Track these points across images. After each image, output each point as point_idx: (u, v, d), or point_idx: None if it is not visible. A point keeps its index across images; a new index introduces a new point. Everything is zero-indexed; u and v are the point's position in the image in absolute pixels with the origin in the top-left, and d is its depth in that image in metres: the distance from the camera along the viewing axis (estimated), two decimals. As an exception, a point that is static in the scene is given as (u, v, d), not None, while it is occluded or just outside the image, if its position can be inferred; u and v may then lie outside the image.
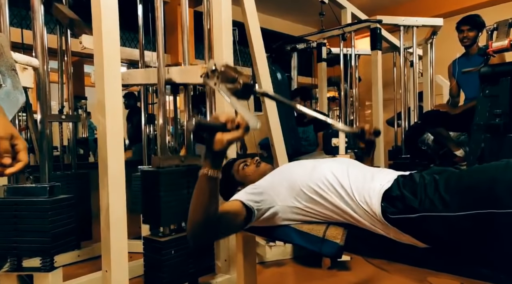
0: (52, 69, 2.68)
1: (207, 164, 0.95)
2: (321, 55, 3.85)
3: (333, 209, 1.06)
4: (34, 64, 1.33)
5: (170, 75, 1.62)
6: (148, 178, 1.62)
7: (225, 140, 0.90)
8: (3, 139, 0.77)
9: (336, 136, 2.08)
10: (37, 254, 1.44)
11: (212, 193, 0.96)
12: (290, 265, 2.34)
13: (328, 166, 1.12)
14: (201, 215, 0.97)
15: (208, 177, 0.95)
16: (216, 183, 0.96)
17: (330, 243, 1.04)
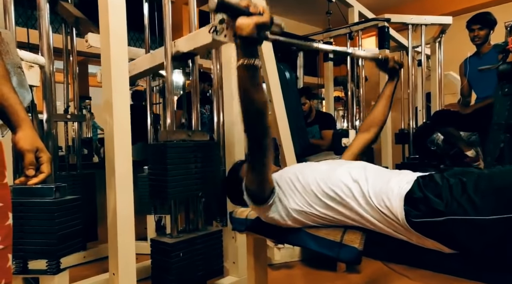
0: (57, 69, 2.66)
1: (239, 54, 0.89)
2: (328, 54, 3.80)
3: (350, 216, 1.02)
4: (41, 62, 1.30)
5: (177, 47, 1.56)
6: (155, 152, 1.58)
7: (252, 23, 0.84)
8: (29, 152, 0.82)
9: (346, 136, 2.04)
10: (43, 256, 1.41)
11: (255, 81, 0.91)
12: (298, 267, 2.30)
13: (344, 171, 1.08)
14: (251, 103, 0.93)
15: (245, 66, 0.89)
16: (256, 71, 0.91)
17: (348, 248, 1.00)
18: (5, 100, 0.82)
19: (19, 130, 0.84)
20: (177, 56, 1.57)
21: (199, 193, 1.67)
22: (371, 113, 1.41)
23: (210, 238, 1.72)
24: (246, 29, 0.86)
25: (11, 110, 0.83)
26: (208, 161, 1.67)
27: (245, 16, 0.85)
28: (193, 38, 1.47)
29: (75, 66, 2.60)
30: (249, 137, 1.01)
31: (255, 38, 0.88)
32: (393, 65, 1.34)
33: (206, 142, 1.70)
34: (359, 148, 1.38)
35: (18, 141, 0.83)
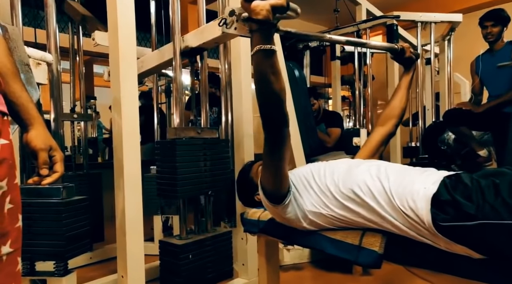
0: (63, 70, 2.63)
1: (256, 39, 0.86)
2: (335, 53, 3.76)
3: (370, 218, 0.97)
4: (48, 59, 1.27)
5: (186, 42, 1.53)
6: (164, 149, 1.55)
7: (267, 5, 0.81)
8: (43, 151, 0.80)
9: (357, 135, 2.00)
10: (51, 258, 1.39)
11: (273, 67, 0.88)
12: (308, 269, 2.26)
13: (363, 170, 1.03)
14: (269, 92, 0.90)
15: (262, 51, 0.86)
16: (274, 56, 0.88)
17: (367, 251, 0.96)
18: (16, 98, 0.80)
19: (31, 128, 0.81)
20: (186, 51, 1.53)
21: (208, 192, 1.64)
22: (388, 106, 1.37)
23: (220, 240, 1.69)
24: (262, 12, 0.82)
25: (22, 108, 0.81)
26: (217, 159, 1.65)
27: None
28: (201, 32, 1.44)
29: (82, 66, 2.58)
30: (267, 127, 0.98)
31: (271, 22, 0.84)
32: (410, 55, 1.30)
33: (215, 139, 1.67)
34: (377, 142, 1.34)
35: (31, 140, 0.81)
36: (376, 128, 1.38)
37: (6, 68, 0.79)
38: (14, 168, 0.74)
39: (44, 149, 0.81)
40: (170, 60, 1.61)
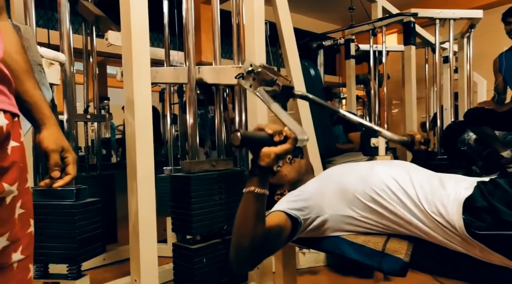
0: (77, 71, 2.64)
1: (253, 181, 0.85)
2: (349, 51, 3.68)
3: (396, 220, 0.92)
4: (61, 59, 1.25)
5: (201, 75, 1.53)
6: (178, 183, 1.52)
7: (273, 154, 0.81)
8: (54, 152, 0.77)
9: (375, 135, 1.94)
10: (64, 261, 1.37)
11: (259, 213, 0.86)
12: (324, 273, 2.21)
13: (386, 170, 0.98)
14: (246, 238, 0.87)
15: (255, 194, 0.85)
16: (263, 202, 0.86)
17: (391, 258, 0.90)
18: (29, 97, 0.77)
19: (43, 128, 0.78)
20: (200, 82, 1.52)
21: (224, 226, 1.60)
22: None
23: (234, 243, 1.64)
24: (266, 159, 0.82)
25: (35, 108, 0.78)
26: (232, 191, 1.60)
27: (268, 146, 0.82)
28: (217, 72, 1.45)
29: (95, 67, 2.58)
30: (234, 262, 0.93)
31: (272, 167, 0.84)
32: (419, 147, 1.24)
33: (230, 171, 1.64)
34: None
35: (42, 140, 0.78)
36: None
37: (19, 66, 0.77)
38: (26, 172, 0.71)
39: (56, 150, 0.77)
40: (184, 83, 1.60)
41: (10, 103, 0.68)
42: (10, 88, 0.69)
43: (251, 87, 1.14)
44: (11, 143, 0.66)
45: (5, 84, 0.67)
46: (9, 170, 0.65)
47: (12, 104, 0.69)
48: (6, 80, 0.67)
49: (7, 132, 0.65)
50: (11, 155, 0.66)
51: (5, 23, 0.79)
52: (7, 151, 0.66)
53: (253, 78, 1.12)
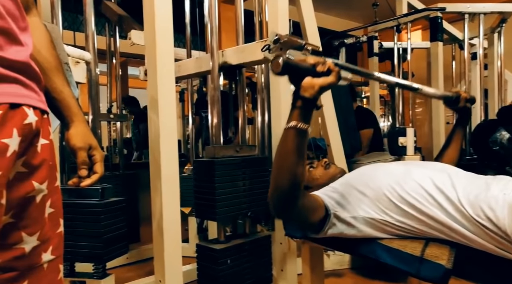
0: (100, 72, 2.67)
1: (294, 114, 0.81)
2: (373, 49, 3.59)
3: (435, 226, 0.86)
4: (87, 58, 1.25)
5: (225, 58, 1.48)
6: (202, 169, 1.50)
7: (317, 85, 0.77)
8: (82, 150, 0.75)
9: (403, 134, 1.86)
10: (90, 260, 1.37)
11: (300, 151, 0.82)
12: (349, 275, 2.15)
13: (423, 172, 0.92)
14: (286, 174, 0.83)
15: (297, 130, 0.80)
16: (305, 139, 0.82)
17: (431, 264, 0.85)
18: (58, 94, 0.76)
19: (71, 125, 0.78)
20: (224, 66, 1.48)
21: (248, 213, 1.57)
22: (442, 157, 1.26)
23: (259, 244, 1.61)
24: (310, 90, 0.78)
25: (64, 104, 0.77)
26: (257, 177, 1.57)
27: (311, 76, 0.78)
28: (242, 51, 1.39)
29: (118, 67, 2.60)
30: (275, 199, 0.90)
31: (315, 100, 0.80)
32: (464, 104, 1.17)
33: (254, 157, 1.60)
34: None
35: (70, 137, 0.77)
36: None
37: (48, 62, 0.76)
38: (55, 170, 0.70)
39: (83, 148, 0.76)
40: (207, 71, 1.57)
41: (39, 100, 0.67)
42: (39, 85, 0.67)
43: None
44: (40, 140, 0.65)
45: (35, 80, 0.66)
46: (39, 168, 0.64)
47: (41, 101, 0.67)
48: (36, 77, 0.66)
49: (37, 129, 0.64)
50: (41, 153, 0.65)
51: (35, 18, 0.79)
52: (37, 148, 0.64)
53: (280, 48, 1.06)
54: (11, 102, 0.58)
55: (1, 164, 0.54)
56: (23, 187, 0.62)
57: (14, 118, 0.58)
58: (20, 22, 0.64)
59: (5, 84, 0.58)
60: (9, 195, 0.59)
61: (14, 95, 0.59)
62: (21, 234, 0.62)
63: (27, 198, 0.63)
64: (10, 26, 0.60)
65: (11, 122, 0.57)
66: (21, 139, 0.59)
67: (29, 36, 0.67)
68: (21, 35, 0.64)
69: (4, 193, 0.56)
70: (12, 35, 0.60)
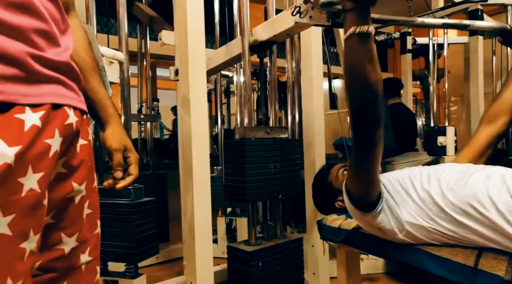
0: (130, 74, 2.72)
1: (349, 19, 0.74)
2: (406, 46, 3.46)
3: (493, 238, 0.79)
4: (120, 58, 1.25)
5: (255, 36, 1.43)
6: (233, 148, 1.47)
7: None
8: (117, 152, 0.75)
9: (443, 134, 1.76)
10: (121, 260, 1.38)
11: (369, 57, 0.75)
12: (383, 280, 2.06)
13: (482, 179, 0.85)
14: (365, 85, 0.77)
15: (358, 34, 0.73)
16: (370, 41, 0.75)
17: (488, 275, 0.78)
18: (94, 94, 0.76)
19: (107, 126, 0.77)
20: (255, 45, 1.44)
21: (279, 196, 1.53)
22: (498, 99, 1.15)
23: (290, 247, 1.57)
24: None
25: (100, 105, 0.77)
26: (288, 160, 1.53)
27: None
28: (272, 24, 1.34)
29: (148, 69, 2.64)
30: (357, 128, 0.84)
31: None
32: None
33: (285, 139, 1.56)
34: (483, 144, 1.12)
35: (106, 139, 0.76)
36: (481, 127, 1.15)
37: (85, 63, 0.76)
38: (93, 170, 0.69)
39: (119, 150, 0.76)
40: (238, 56, 1.53)
41: (79, 100, 0.66)
42: (79, 85, 0.67)
43: (311, 19, 1.02)
44: (80, 141, 0.64)
45: (76, 81, 0.65)
46: (78, 169, 0.63)
47: (81, 101, 0.67)
48: (76, 77, 0.66)
49: (77, 130, 0.63)
50: (80, 154, 0.64)
51: (75, 20, 0.79)
52: (76, 149, 0.63)
53: (311, 7, 1.01)
54: (53, 103, 0.57)
55: (43, 165, 0.54)
56: (63, 187, 0.61)
57: (56, 118, 0.57)
58: (61, 24, 0.64)
59: (48, 85, 0.58)
60: (49, 195, 0.58)
61: (56, 96, 0.58)
62: (61, 235, 0.62)
63: (67, 199, 0.62)
64: (52, 29, 0.60)
65: (53, 123, 0.56)
66: (62, 139, 0.58)
67: (69, 38, 0.67)
68: (61, 37, 0.63)
69: (46, 194, 0.55)
70: (53, 38, 0.60)
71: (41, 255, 0.58)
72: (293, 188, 1.57)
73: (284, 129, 1.58)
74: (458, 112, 5.04)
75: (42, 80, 0.56)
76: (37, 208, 0.53)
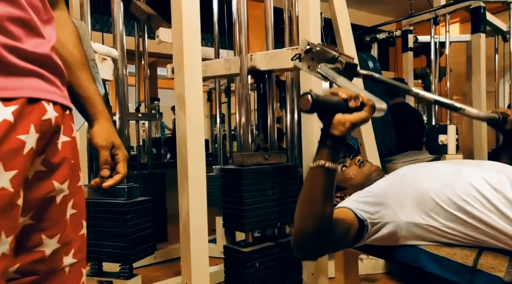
0: (129, 73, 2.70)
1: (323, 153, 0.75)
2: (407, 44, 3.43)
3: (491, 233, 0.77)
4: (114, 55, 1.23)
5: (254, 62, 1.44)
6: (230, 177, 1.46)
7: (348, 123, 0.71)
8: (104, 149, 0.73)
9: (444, 132, 1.74)
10: (116, 260, 1.35)
11: (327, 191, 0.77)
12: (383, 281, 2.04)
13: (476, 172, 0.83)
14: (312, 219, 0.77)
15: (325, 169, 0.75)
16: (333, 178, 0.77)
17: (487, 276, 0.75)
18: (83, 90, 0.74)
19: (95, 123, 0.75)
20: (253, 71, 1.44)
21: (277, 224, 1.52)
22: None
23: (289, 247, 1.53)
24: (340, 128, 0.73)
25: (88, 102, 0.75)
26: (286, 186, 1.51)
27: (342, 113, 0.72)
28: (271, 57, 1.35)
29: (146, 68, 2.61)
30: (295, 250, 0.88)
31: (345, 138, 0.74)
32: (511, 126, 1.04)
33: (283, 165, 1.54)
34: None
35: (94, 135, 0.74)
36: None
37: (74, 58, 0.74)
38: (78, 169, 0.67)
39: (106, 147, 0.73)
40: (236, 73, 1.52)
41: (61, 95, 0.63)
42: (62, 80, 0.64)
43: (309, 69, 1.04)
44: (61, 137, 0.62)
45: (57, 75, 0.63)
46: (59, 167, 0.61)
47: (63, 96, 0.64)
48: (58, 71, 0.63)
49: (57, 126, 0.60)
50: (61, 151, 0.61)
51: (62, 13, 0.76)
52: (57, 146, 0.61)
53: (311, 58, 1.02)
54: (29, 97, 0.54)
55: (17, 162, 0.51)
56: (43, 187, 0.59)
57: (32, 113, 0.55)
58: (42, 13, 0.61)
59: (25, 78, 0.55)
60: (28, 195, 0.56)
61: (32, 89, 0.55)
62: (41, 236, 0.59)
63: (47, 199, 0.60)
64: (30, 17, 0.57)
65: (29, 118, 0.54)
66: (39, 135, 0.56)
67: (52, 29, 0.64)
68: (43, 27, 0.61)
69: (21, 193, 0.52)
70: (32, 27, 0.57)
71: (18, 258, 0.55)
72: (292, 214, 1.54)
73: (282, 153, 1.57)
74: (460, 111, 5.00)
75: (17, 73, 0.53)
76: (9, 209, 0.50)
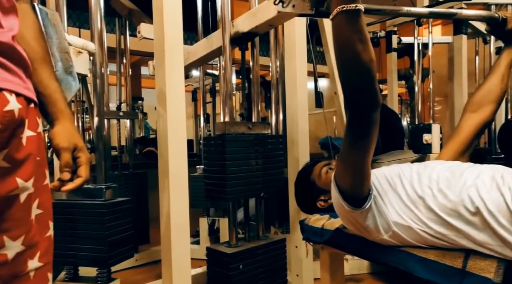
0: (111, 72, 2.63)
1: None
2: (391, 44, 3.45)
3: (485, 241, 0.75)
4: (90, 48, 1.17)
5: (236, 27, 1.37)
6: (212, 145, 1.40)
7: None
8: (65, 151, 0.68)
9: (429, 131, 1.74)
10: (93, 264, 1.29)
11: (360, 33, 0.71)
12: (368, 281, 2.03)
13: (472, 178, 0.81)
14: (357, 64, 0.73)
15: (345, 12, 0.69)
16: (360, 18, 0.70)
17: (476, 278, 0.73)
18: (43, 88, 0.68)
19: (56, 123, 0.70)
20: (236, 37, 1.37)
21: (261, 193, 1.47)
22: (483, 87, 1.10)
23: (273, 248, 1.51)
24: None
25: (49, 100, 0.70)
26: (270, 157, 1.47)
27: None
28: (254, 15, 1.27)
29: (128, 66, 2.54)
30: (351, 111, 0.79)
31: None
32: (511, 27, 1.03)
33: (268, 135, 1.50)
34: (468, 134, 1.07)
35: (54, 136, 0.69)
36: (466, 116, 1.10)
37: (35, 53, 0.68)
38: (44, 167, 0.61)
39: (67, 149, 0.68)
40: (218, 49, 1.46)
41: (25, 87, 0.58)
42: (26, 72, 0.59)
43: (294, 8, 0.97)
44: (26, 132, 0.57)
45: (20, 66, 0.58)
46: (23, 163, 0.56)
47: (27, 88, 0.59)
48: (21, 62, 0.58)
49: (20, 119, 0.55)
50: (26, 146, 0.56)
51: (24, 5, 0.71)
52: (21, 141, 0.56)
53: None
54: None
55: None
56: (5, 184, 0.54)
57: None
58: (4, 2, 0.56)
59: None
60: None
61: None
62: (3, 238, 0.54)
63: (10, 197, 0.55)
64: None
65: None
66: (1, 127, 0.51)
67: (14, 19, 0.59)
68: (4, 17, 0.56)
69: None
70: None
71: None
72: (276, 186, 1.51)
73: (267, 124, 1.53)
74: (442, 112, 5.08)
75: None
76: None
